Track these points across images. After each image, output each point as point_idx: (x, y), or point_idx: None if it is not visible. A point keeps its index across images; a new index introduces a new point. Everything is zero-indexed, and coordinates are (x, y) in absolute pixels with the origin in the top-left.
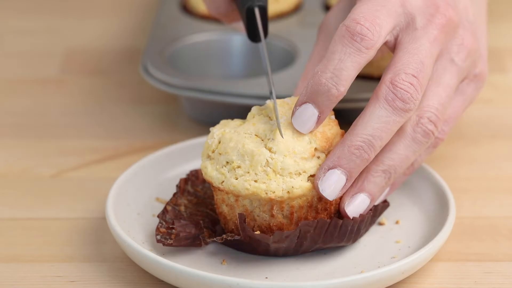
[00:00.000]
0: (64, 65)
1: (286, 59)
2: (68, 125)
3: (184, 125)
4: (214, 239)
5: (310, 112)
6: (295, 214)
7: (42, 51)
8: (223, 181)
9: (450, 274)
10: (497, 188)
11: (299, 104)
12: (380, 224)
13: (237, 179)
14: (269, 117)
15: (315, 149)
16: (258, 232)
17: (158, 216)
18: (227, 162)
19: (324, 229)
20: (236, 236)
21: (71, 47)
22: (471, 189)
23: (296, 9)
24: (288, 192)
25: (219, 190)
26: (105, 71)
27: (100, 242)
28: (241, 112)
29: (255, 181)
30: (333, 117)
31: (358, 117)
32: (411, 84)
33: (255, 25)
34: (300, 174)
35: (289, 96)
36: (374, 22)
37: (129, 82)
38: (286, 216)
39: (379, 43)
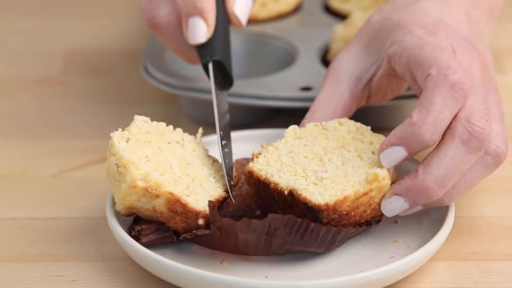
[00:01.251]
0: (64, 65)
1: (286, 59)
2: (68, 125)
3: (184, 125)
4: (185, 235)
5: (400, 154)
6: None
7: (43, 52)
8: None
9: (449, 273)
10: (496, 188)
11: (390, 144)
12: (379, 224)
13: None
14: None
15: None
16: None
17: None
18: None
19: (294, 228)
20: (206, 231)
21: (71, 48)
22: None
23: (296, 9)
24: None
25: None
26: (106, 71)
27: (100, 242)
28: (241, 112)
29: None
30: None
31: (431, 153)
32: (486, 121)
33: (217, 76)
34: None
35: (289, 96)
36: (462, 68)
37: (129, 82)
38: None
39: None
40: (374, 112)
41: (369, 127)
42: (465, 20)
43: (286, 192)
